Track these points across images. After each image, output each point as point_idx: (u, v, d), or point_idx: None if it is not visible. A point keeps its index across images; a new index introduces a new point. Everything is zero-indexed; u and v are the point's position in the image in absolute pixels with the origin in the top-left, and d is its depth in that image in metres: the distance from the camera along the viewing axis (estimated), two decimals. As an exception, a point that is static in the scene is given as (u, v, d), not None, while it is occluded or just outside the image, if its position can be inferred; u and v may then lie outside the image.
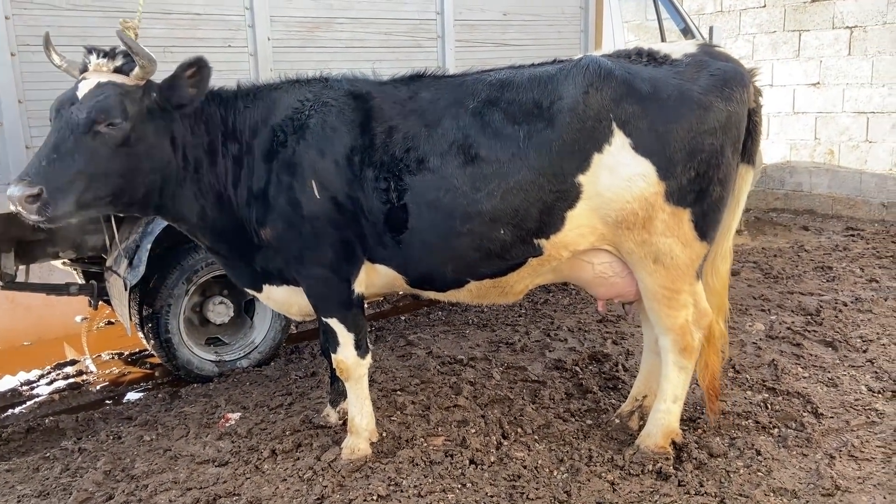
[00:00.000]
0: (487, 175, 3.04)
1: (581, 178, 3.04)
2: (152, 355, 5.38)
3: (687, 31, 7.37)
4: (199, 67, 3.03)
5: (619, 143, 3.00)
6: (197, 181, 3.26)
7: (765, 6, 9.13)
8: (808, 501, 2.97)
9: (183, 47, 4.36)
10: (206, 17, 4.56)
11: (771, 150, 9.33)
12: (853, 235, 7.84)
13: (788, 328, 4.95)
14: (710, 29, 7.03)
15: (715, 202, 3.11)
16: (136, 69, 3.01)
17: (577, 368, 4.48)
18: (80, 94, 2.91)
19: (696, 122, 2.97)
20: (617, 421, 3.70)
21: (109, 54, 3.04)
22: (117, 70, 3.03)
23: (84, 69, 3.06)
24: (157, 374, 5.31)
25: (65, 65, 3.21)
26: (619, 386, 4.20)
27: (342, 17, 5.09)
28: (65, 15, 4.00)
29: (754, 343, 4.73)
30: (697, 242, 3.14)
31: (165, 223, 4.16)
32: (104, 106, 2.89)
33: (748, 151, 3.27)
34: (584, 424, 3.75)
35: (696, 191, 3.05)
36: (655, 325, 3.35)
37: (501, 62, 3.58)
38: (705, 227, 3.13)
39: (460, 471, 3.31)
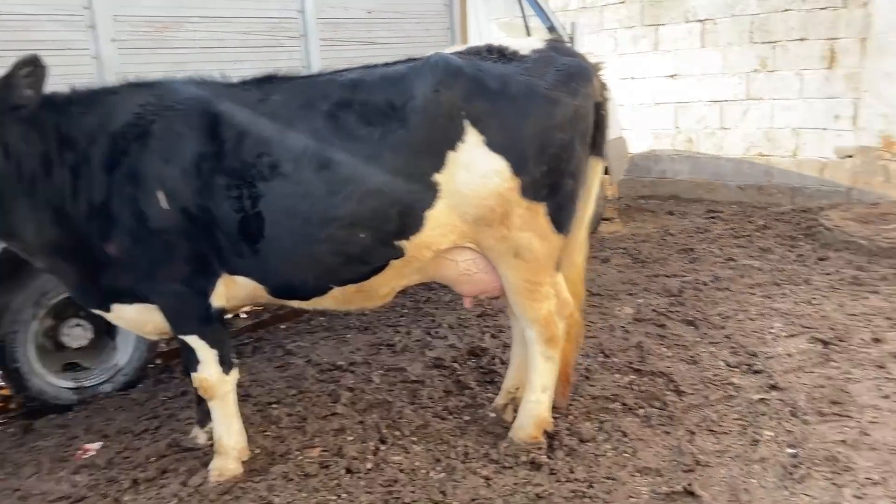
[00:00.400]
0: (343, 178, 2.97)
1: (438, 178, 3.03)
2: (3, 386, 4.93)
3: (553, 29, 7.57)
4: (34, 66, 2.84)
5: (473, 141, 3.01)
6: (32, 195, 3.01)
7: (623, 2, 9.55)
8: (670, 478, 3.10)
9: (16, 50, 3.98)
10: (41, 18, 4.21)
11: (636, 140, 9.77)
12: (713, 218, 8.33)
13: (654, 310, 5.19)
14: (573, 25, 7.25)
15: (568, 195, 3.19)
16: None
17: (456, 365, 4.49)
18: None
19: (544, 117, 3.03)
20: (492, 415, 3.73)
21: None
22: None
23: None
24: (11, 406, 4.87)
25: None
26: (496, 379, 4.24)
27: (196, 15, 4.84)
28: None
29: (622, 327, 4.92)
30: (554, 235, 3.20)
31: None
32: None
33: (597, 144, 3.38)
34: (461, 421, 3.76)
35: (550, 185, 3.10)
36: (520, 317, 3.39)
37: (370, 61, 3.51)
38: (561, 220, 3.20)
39: (336, 481, 3.24)
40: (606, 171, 8.15)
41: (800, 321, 4.79)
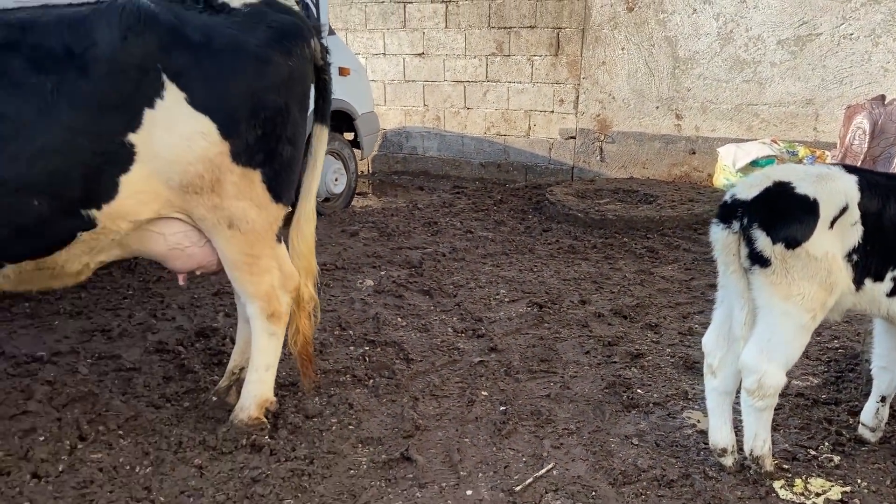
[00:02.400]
0: (6, 135, 2.51)
1: (133, 138, 2.69)
2: None
3: (298, -5, 7.29)
4: None
5: (174, 98, 2.71)
6: None
7: (373, -24, 9.56)
8: (390, 446, 3.12)
9: None
10: None
11: (389, 116, 9.89)
12: (458, 193, 8.72)
13: (394, 281, 5.26)
14: (317, -7, 7.05)
15: (287, 162, 3.02)
16: None
17: (181, 348, 4.14)
18: None
19: (255, 76, 2.82)
20: (214, 398, 3.48)
21: None
22: None
23: None
24: None
25: None
26: (224, 361, 3.96)
27: None
28: None
29: (362, 299, 4.91)
30: (273, 204, 3.03)
31: None
32: None
33: (320, 110, 3.26)
34: (179, 408, 3.46)
35: (265, 150, 2.92)
36: (240, 293, 3.19)
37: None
38: (279, 189, 3.03)
39: (17, 489, 2.79)
40: (358, 146, 8.15)
41: (521, 287, 5.16)
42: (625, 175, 8.64)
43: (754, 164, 7.07)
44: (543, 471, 2.91)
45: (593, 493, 2.78)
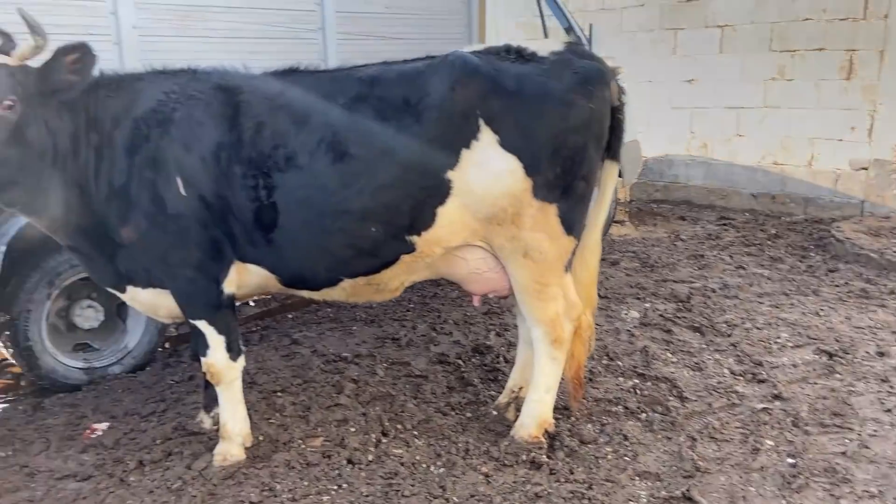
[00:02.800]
0: (357, 172, 3.01)
1: (451, 175, 3.06)
2: (14, 364, 5.00)
3: (571, 30, 7.55)
4: (82, 54, 2.93)
5: (487, 140, 3.03)
6: (62, 173, 3.09)
7: (643, 5, 9.52)
8: (669, 483, 3.12)
9: (38, 34, 4.05)
10: (64, 3, 4.28)
11: (651, 143, 9.74)
12: (725, 225, 8.31)
13: (661, 315, 5.19)
14: (591, 26, 7.22)
15: (580, 197, 3.21)
16: (23, 47, 2.87)
17: (460, 361, 4.52)
18: None
19: (559, 119, 3.05)
20: (494, 412, 3.76)
21: None
22: None
23: None
24: (21, 383, 4.95)
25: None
26: (500, 377, 4.26)
27: (216, 5, 4.91)
28: None
29: (628, 330, 4.93)
30: (565, 237, 3.22)
31: (21, 222, 3.92)
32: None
33: (612, 148, 3.39)
34: (463, 417, 3.79)
35: (562, 186, 3.12)
36: (527, 317, 3.42)
37: (388, 56, 3.57)
38: (572, 222, 3.22)
39: (337, 471, 3.28)
40: (619, 174, 8.14)
41: (806, 332, 4.79)
42: (930, 212, 7.58)
43: None
44: (843, 535, 2.71)
45: (905, 570, 2.53)
